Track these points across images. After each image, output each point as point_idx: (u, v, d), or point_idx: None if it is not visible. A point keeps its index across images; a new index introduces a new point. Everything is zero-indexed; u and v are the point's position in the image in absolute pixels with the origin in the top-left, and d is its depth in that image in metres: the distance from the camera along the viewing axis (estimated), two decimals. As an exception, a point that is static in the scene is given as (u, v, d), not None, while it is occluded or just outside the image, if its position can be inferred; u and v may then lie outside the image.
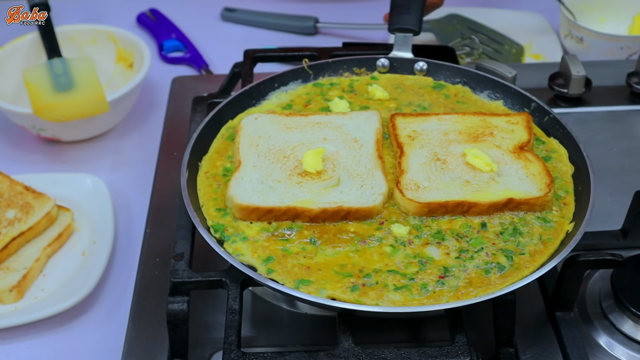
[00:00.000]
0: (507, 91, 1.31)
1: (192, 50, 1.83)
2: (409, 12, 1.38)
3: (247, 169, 1.16)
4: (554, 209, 1.12)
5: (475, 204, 1.10)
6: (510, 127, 1.22)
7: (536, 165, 1.15)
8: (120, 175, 1.52)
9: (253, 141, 1.21)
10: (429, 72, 1.36)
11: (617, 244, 1.26)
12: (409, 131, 1.22)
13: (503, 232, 1.09)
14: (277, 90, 1.34)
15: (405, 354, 0.99)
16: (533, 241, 1.08)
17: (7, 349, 1.22)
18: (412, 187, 1.12)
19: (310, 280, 1.03)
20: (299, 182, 1.14)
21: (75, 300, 1.23)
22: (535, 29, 1.86)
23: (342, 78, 1.37)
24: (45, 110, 1.46)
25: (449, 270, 1.04)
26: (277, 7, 1.98)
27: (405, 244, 1.08)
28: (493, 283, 1.03)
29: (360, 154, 1.19)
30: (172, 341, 1.07)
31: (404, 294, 1.01)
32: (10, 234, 1.31)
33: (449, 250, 1.07)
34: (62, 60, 1.56)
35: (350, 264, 1.05)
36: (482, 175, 1.14)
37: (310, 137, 1.21)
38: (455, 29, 1.81)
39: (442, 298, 1.01)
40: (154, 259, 1.25)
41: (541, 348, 1.12)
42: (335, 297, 1.01)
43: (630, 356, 1.12)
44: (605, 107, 1.54)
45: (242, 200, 1.10)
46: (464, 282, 1.03)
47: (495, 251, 1.06)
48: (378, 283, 1.02)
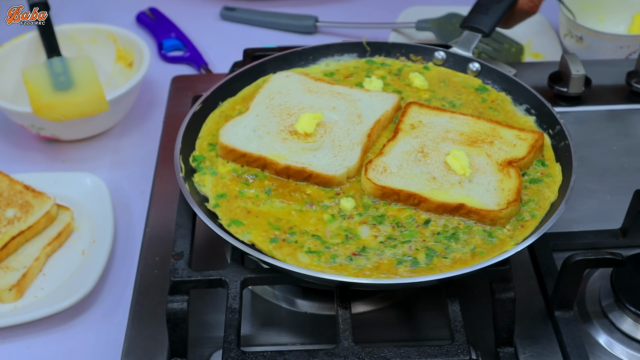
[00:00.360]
0: (542, 109, 1.26)
1: (192, 50, 1.83)
2: (486, 13, 1.39)
3: (249, 116, 1.24)
4: (507, 228, 1.08)
5: (425, 200, 1.10)
6: (514, 142, 1.19)
7: (512, 182, 1.12)
8: (120, 174, 1.52)
9: (271, 94, 1.28)
10: (480, 74, 1.35)
11: (617, 242, 1.26)
12: (414, 120, 1.23)
13: (440, 233, 1.08)
14: (330, 57, 1.39)
15: (404, 352, 0.99)
16: (464, 250, 1.06)
17: (6, 348, 1.23)
18: (379, 169, 1.14)
19: (243, 223, 1.09)
20: (284, 138, 1.20)
21: (74, 299, 1.23)
22: (534, 28, 1.86)
23: (396, 61, 1.38)
24: (44, 109, 1.46)
25: (365, 250, 1.06)
26: (277, 6, 1.98)
27: (344, 217, 1.11)
28: (399, 274, 1.03)
29: (355, 128, 1.22)
30: (172, 340, 1.07)
31: (312, 258, 1.05)
32: (10, 233, 1.31)
33: (378, 234, 1.08)
34: (61, 59, 1.56)
35: (286, 219, 1.10)
36: (452, 176, 1.13)
37: (322, 103, 1.26)
38: (454, 28, 1.81)
39: (343, 272, 1.03)
40: (153, 258, 1.25)
41: (541, 347, 1.12)
42: (255, 244, 1.07)
43: (630, 355, 1.12)
44: (604, 106, 1.54)
45: (225, 140, 1.19)
46: (372, 265, 1.04)
47: (420, 247, 1.06)
48: (297, 242, 1.07)
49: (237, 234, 1.08)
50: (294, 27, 1.92)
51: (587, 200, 1.35)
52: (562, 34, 1.79)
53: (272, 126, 1.22)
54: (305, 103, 1.26)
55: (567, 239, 1.26)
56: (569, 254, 1.09)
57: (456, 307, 1.03)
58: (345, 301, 1.04)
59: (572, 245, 1.26)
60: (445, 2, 1.92)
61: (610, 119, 1.52)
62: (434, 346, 0.99)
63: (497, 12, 1.40)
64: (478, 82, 1.34)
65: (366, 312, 1.18)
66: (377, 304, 1.19)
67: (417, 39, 1.84)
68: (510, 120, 1.26)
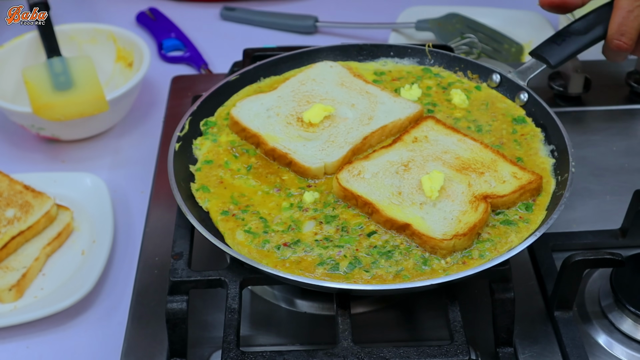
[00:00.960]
0: (564, 155, 1.17)
1: (192, 50, 1.83)
2: (560, 44, 1.31)
3: (272, 95, 1.29)
4: (446, 260, 1.05)
5: (377, 211, 1.09)
6: (506, 178, 1.14)
7: (474, 217, 1.08)
8: (120, 174, 1.52)
9: (305, 80, 1.31)
10: (526, 105, 1.28)
11: (617, 243, 1.26)
12: (421, 134, 1.21)
13: (377, 247, 1.07)
14: (389, 58, 1.39)
15: (404, 352, 0.99)
16: (389, 269, 1.04)
17: (6, 348, 1.23)
18: (353, 172, 1.15)
19: (210, 191, 1.15)
20: (289, 122, 1.23)
21: (74, 299, 1.23)
22: (534, 28, 1.86)
23: (452, 74, 1.36)
24: (44, 109, 1.46)
25: (297, 243, 1.08)
26: (277, 6, 1.98)
27: (300, 208, 1.13)
28: (315, 273, 1.04)
29: (358, 129, 1.22)
30: (172, 340, 1.07)
31: (247, 238, 1.08)
32: (10, 233, 1.31)
33: (319, 232, 1.09)
34: (61, 59, 1.56)
35: (248, 197, 1.14)
36: (418, 196, 1.11)
37: (345, 98, 1.28)
38: (454, 28, 1.81)
39: (264, 260, 1.05)
40: (153, 258, 1.25)
41: (540, 347, 1.12)
42: (208, 211, 1.12)
43: (629, 355, 1.12)
44: (604, 106, 1.54)
45: (234, 112, 1.24)
46: (295, 258, 1.06)
47: (349, 255, 1.06)
48: (243, 220, 1.11)
49: (199, 199, 1.14)
50: (294, 27, 1.92)
51: (587, 200, 1.35)
52: (562, 34, 1.79)
53: (285, 109, 1.25)
54: (330, 95, 1.28)
55: (566, 239, 1.26)
56: (569, 254, 1.09)
57: (455, 308, 1.03)
58: (345, 302, 1.04)
59: (572, 245, 1.25)
60: (445, 2, 1.92)
61: (610, 119, 1.52)
62: (434, 346, 0.99)
63: (571, 46, 1.31)
64: (521, 113, 1.28)
65: (365, 312, 1.18)
66: (377, 305, 1.19)
67: (417, 39, 1.84)
68: (528, 157, 1.20)
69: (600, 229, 1.28)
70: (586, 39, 1.31)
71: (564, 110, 1.53)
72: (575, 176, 1.11)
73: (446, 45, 1.43)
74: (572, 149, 1.16)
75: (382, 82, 1.35)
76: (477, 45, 1.75)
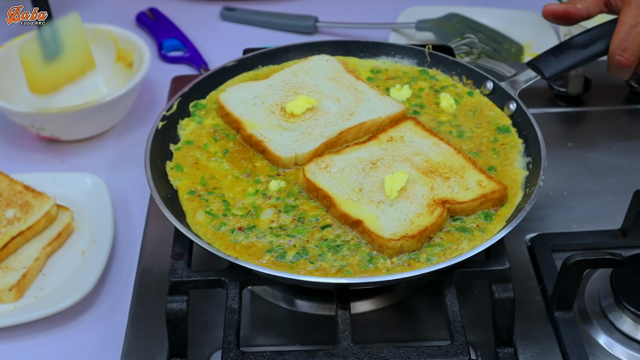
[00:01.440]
0: (537, 168, 1.15)
1: (192, 50, 1.83)
2: (558, 57, 1.29)
3: (263, 84, 1.31)
4: (392, 260, 1.05)
5: (334, 205, 1.10)
6: (470, 185, 1.13)
7: (427, 220, 1.07)
8: (120, 174, 1.52)
9: (298, 71, 1.33)
10: (514, 115, 1.27)
11: (617, 243, 1.26)
12: (397, 134, 1.22)
13: (327, 240, 1.08)
14: (390, 56, 1.40)
15: (404, 353, 0.99)
16: (334, 263, 1.05)
17: (6, 348, 1.23)
18: (321, 165, 1.16)
19: (183, 170, 1.18)
20: (272, 111, 1.26)
21: (74, 300, 1.23)
22: (534, 28, 1.86)
23: (448, 78, 1.36)
24: (39, 85, 1.45)
25: (252, 229, 1.09)
26: (277, 7, 1.98)
27: (264, 196, 1.15)
28: (262, 259, 1.05)
29: (337, 123, 1.24)
30: (172, 340, 1.07)
31: (206, 219, 1.11)
32: (10, 233, 1.31)
33: (275, 220, 1.11)
34: (51, 25, 1.50)
35: (217, 180, 1.17)
36: (378, 194, 1.12)
37: (331, 92, 1.29)
38: (454, 28, 1.81)
39: (216, 241, 1.08)
40: (153, 258, 1.25)
41: (540, 347, 1.12)
42: (178, 190, 1.15)
43: (629, 355, 1.12)
44: (604, 107, 1.54)
45: (221, 96, 1.28)
46: (245, 243, 1.08)
47: (298, 245, 1.07)
48: (207, 201, 1.14)
49: (171, 177, 1.18)
50: (294, 27, 1.92)
51: (587, 201, 1.35)
52: (562, 34, 1.79)
53: (272, 98, 1.28)
54: (319, 88, 1.30)
55: (566, 239, 1.26)
56: (569, 254, 1.09)
57: (455, 308, 1.03)
58: (345, 302, 1.04)
59: (572, 245, 1.26)
60: (445, 2, 1.92)
61: (610, 119, 1.52)
62: (434, 346, 0.99)
63: (568, 59, 1.28)
64: (507, 122, 1.26)
65: (365, 312, 1.18)
66: (377, 305, 1.19)
67: (417, 39, 1.84)
68: (502, 167, 1.19)
69: (600, 229, 1.28)
70: (586, 53, 1.29)
71: (564, 110, 1.53)
72: (575, 176, 1.11)
73: (446, 46, 1.43)
74: (546, 163, 1.14)
75: (376, 80, 1.35)
76: (477, 45, 1.75)
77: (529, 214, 1.06)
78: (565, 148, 1.46)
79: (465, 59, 1.74)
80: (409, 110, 1.29)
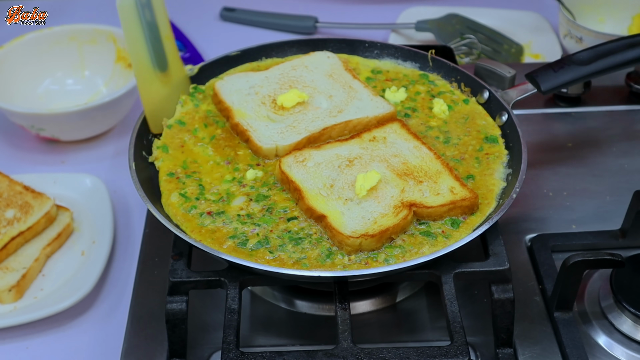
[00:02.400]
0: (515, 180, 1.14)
1: (192, 50, 1.83)
2: (557, 72, 1.27)
3: (261, 75, 1.32)
4: (350, 258, 1.05)
5: (303, 198, 1.11)
6: (442, 191, 1.12)
7: (390, 221, 1.07)
8: (120, 174, 1.52)
9: (297, 65, 1.34)
10: (504, 125, 1.25)
11: (616, 243, 1.26)
12: (381, 135, 1.21)
13: (290, 232, 1.09)
14: (393, 58, 1.40)
15: (404, 353, 0.99)
16: (293, 255, 1.06)
17: (6, 348, 1.23)
18: (299, 158, 1.17)
19: (168, 152, 1.20)
20: (263, 102, 1.27)
21: (74, 300, 1.23)
22: (534, 29, 1.86)
23: (447, 84, 1.35)
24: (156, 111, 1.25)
25: (220, 215, 1.11)
26: (277, 7, 1.98)
27: (240, 183, 1.16)
28: (225, 244, 1.07)
29: (323, 119, 1.24)
30: (171, 341, 1.07)
31: (179, 201, 1.13)
32: (10, 234, 1.31)
33: (245, 208, 1.12)
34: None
35: (198, 164, 1.19)
36: (347, 192, 1.12)
37: (325, 89, 1.30)
38: (454, 29, 1.81)
39: (185, 223, 1.10)
40: (153, 259, 1.25)
41: (540, 348, 1.12)
42: (159, 171, 1.18)
43: (629, 356, 1.12)
44: (604, 107, 1.54)
45: (218, 84, 1.29)
46: (211, 228, 1.09)
47: (261, 234, 1.08)
48: (184, 184, 1.16)
49: (157, 158, 1.20)
50: (294, 28, 1.92)
51: (587, 201, 1.35)
52: (561, 35, 1.79)
53: (266, 90, 1.29)
54: (314, 84, 1.30)
55: (566, 239, 1.26)
56: (569, 255, 1.09)
57: (455, 308, 1.03)
58: (345, 302, 1.04)
59: (572, 246, 1.26)
60: (445, 2, 1.92)
61: (609, 119, 1.52)
62: (433, 347, 0.99)
63: (567, 75, 1.27)
64: (496, 132, 1.25)
65: (365, 312, 1.18)
66: (377, 305, 1.19)
67: (417, 39, 1.84)
68: (482, 177, 1.17)
69: (600, 229, 1.28)
70: (586, 70, 1.28)
71: (564, 110, 1.53)
72: (575, 176, 1.10)
73: (446, 46, 1.43)
74: (524, 176, 1.13)
75: (374, 80, 1.35)
76: (476, 45, 1.75)
77: (529, 215, 1.07)
78: (565, 148, 1.46)
79: (465, 59, 1.74)
80: (400, 112, 1.29)
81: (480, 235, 1.07)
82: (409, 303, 1.20)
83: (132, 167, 1.15)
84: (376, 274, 1.02)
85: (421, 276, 1.07)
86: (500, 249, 1.08)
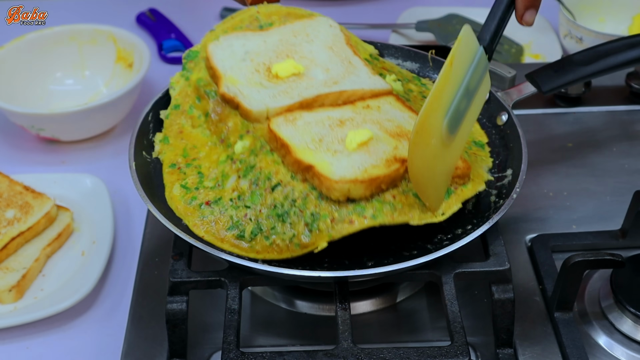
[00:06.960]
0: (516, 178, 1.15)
1: (192, 50, 1.83)
2: (556, 72, 1.26)
3: (259, 37, 1.26)
4: (334, 215, 1.02)
5: (289, 152, 1.06)
6: None
7: (381, 171, 1.03)
8: (120, 175, 1.51)
9: (298, 32, 1.27)
10: (504, 125, 1.25)
11: (617, 243, 1.26)
12: (376, 104, 1.16)
13: (277, 207, 1.06)
14: (393, 58, 1.38)
15: (404, 353, 0.99)
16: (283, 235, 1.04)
17: (6, 348, 1.23)
18: (289, 118, 1.12)
19: (169, 142, 1.19)
20: (256, 70, 1.21)
21: (74, 300, 1.23)
22: (534, 29, 1.86)
23: None
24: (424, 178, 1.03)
25: (217, 202, 1.09)
26: (277, 7, 1.98)
27: (231, 161, 1.12)
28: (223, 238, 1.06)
29: (317, 88, 1.17)
30: (171, 341, 1.07)
31: (181, 193, 1.12)
32: (10, 234, 1.31)
33: (236, 188, 1.10)
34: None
35: (197, 150, 1.17)
36: (337, 145, 1.07)
37: (323, 61, 1.23)
38: (454, 29, 1.81)
39: (186, 217, 1.10)
40: (153, 259, 1.25)
41: (540, 348, 1.12)
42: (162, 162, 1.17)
43: (629, 356, 1.12)
44: (604, 107, 1.54)
45: (210, 46, 1.23)
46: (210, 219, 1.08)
47: (253, 218, 1.06)
48: (185, 174, 1.15)
49: (160, 152, 1.19)
50: (294, 28, 1.91)
51: (587, 201, 1.35)
52: (562, 35, 1.79)
53: (262, 57, 1.23)
54: (312, 55, 1.24)
55: (566, 239, 1.26)
56: (569, 255, 1.09)
57: (455, 308, 1.03)
58: (345, 302, 1.04)
59: (572, 246, 1.26)
60: (445, 3, 1.92)
61: (610, 120, 1.52)
62: (433, 347, 0.99)
63: (567, 76, 1.27)
64: (483, 140, 1.24)
65: (366, 313, 1.18)
66: (377, 305, 1.19)
67: (417, 39, 1.84)
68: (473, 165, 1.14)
69: (600, 229, 1.28)
70: (586, 70, 1.28)
71: (564, 110, 1.53)
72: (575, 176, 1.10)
73: (446, 46, 1.43)
74: (524, 176, 1.13)
75: (371, 64, 1.30)
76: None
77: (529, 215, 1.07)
78: (565, 148, 1.46)
79: (465, 59, 1.74)
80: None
81: (481, 235, 1.07)
82: (409, 303, 1.20)
83: (132, 167, 1.15)
84: (376, 274, 1.02)
85: (421, 276, 1.07)
86: (501, 249, 1.08)
